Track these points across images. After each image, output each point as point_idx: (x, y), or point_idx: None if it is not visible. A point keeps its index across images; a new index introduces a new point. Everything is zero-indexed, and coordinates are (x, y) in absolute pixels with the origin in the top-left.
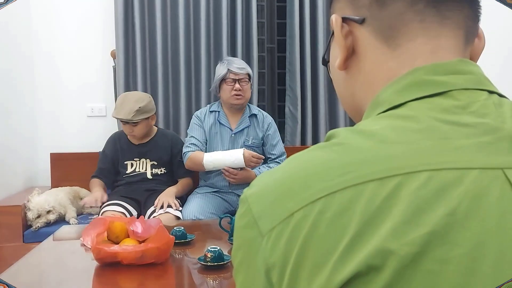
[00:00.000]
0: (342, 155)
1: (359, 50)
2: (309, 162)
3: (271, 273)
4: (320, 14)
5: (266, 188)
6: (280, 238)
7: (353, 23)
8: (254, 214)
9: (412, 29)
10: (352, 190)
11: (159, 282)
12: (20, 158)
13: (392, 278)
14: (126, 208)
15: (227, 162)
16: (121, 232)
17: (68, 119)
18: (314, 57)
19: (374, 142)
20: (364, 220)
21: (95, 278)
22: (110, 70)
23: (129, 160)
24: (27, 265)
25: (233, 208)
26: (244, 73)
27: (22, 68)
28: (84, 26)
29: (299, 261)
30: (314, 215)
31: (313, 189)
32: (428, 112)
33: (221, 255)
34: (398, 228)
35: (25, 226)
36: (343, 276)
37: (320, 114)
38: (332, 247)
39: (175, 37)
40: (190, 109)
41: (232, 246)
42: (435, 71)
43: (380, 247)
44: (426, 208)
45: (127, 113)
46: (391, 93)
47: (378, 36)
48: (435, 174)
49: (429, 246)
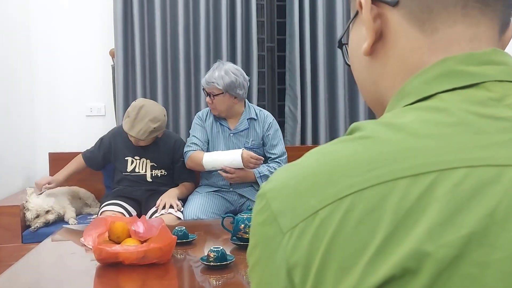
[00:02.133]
0: (370, 149)
1: (388, 35)
2: (333, 155)
3: (292, 272)
4: (320, 13)
5: (286, 183)
6: (303, 237)
7: (384, 5)
8: (274, 210)
9: (453, 14)
10: (382, 187)
11: (162, 283)
12: (18, 158)
13: (429, 282)
14: (125, 208)
15: (226, 163)
16: (122, 232)
17: (66, 119)
18: (314, 56)
19: (404, 135)
20: (397, 220)
21: (96, 279)
22: (109, 69)
23: (129, 157)
24: (26, 266)
25: (234, 207)
26: (211, 87)
27: (20, 67)
28: (83, 25)
29: (325, 262)
30: (341, 214)
31: (339, 186)
32: (460, 104)
33: (224, 255)
34: (434, 229)
35: (24, 227)
36: (376, 279)
37: (320, 114)
38: (361, 248)
39: (175, 36)
40: (189, 108)
41: (248, 244)
42: (468, 61)
43: (415, 249)
44: (464, 208)
45: (140, 133)
46: (419, 84)
47: (412, 20)
48: (472, 171)
49: (467, 249)
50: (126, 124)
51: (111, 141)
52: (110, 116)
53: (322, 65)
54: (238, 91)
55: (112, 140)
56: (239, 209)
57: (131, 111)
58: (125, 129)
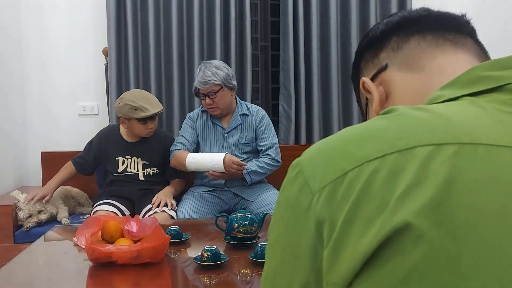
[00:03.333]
0: (400, 123)
1: (390, 89)
2: (365, 127)
3: (322, 227)
4: (313, 12)
5: (319, 152)
6: (333, 195)
7: (380, 74)
8: (306, 175)
9: (431, 53)
10: (408, 152)
11: (155, 282)
12: (10, 157)
13: (443, 239)
14: (118, 207)
15: (208, 165)
16: (115, 232)
17: (59, 118)
18: (308, 55)
19: (432, 114)
20: (417, 179)
21: (89, 279)
22: (102, 68)
23: (121, 157)
24: (18, 266)
25: (228, 206)
26: (209, 87)
27: (12, 67)
28: (75, 24)
29: (351, 216)
30: (368, 173)
31: (368, 151)
32: (485, 102)
33: (218, 254)
34: (453, 194)
35: (16, 226)
36: (388, 229)
37: (314, 113)
38: (383, 203)
39: (168, 35)
40: (183, 107)
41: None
42: (492, 67)
43: (429, 207)
44: (483, 179)
45: (156, 105)
46: (448, 91)
47: (403, 68)
48: (493, 149)
49: (484, 216)
50: (142, 112)
51: (101, 142)
52: (103, 115)
53: (316, 64)
54: (233, 81)
55: (102, 141)
56: (233, 208)
57: (138, 101)
58: (148, 114)
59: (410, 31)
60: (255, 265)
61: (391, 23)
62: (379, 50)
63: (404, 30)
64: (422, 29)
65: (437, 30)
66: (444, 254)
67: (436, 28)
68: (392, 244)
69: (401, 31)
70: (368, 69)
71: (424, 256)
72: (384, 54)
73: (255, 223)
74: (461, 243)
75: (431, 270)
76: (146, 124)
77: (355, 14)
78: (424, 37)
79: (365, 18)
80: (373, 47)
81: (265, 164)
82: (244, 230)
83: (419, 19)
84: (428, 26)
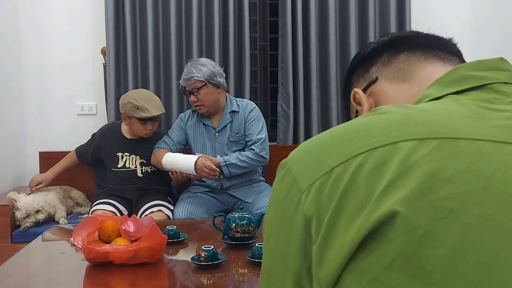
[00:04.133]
0: (384, 119)
1: (380, 99)
2: (350, 125)
3: (310, 224)
4: (312, 12)
5: (305, 151)
6: (320, 191)
7: (370, 86)
8: (294, 174)
9: (421, 65)
10: (392, 146)
11: (152, 283)
12: (8, 157)
13: (427, 226)
14: (117, 207)
15: (181, 166)
16: (112, 232)
17: (57, 118)
18: (307, 55)
19: (417, 111)
20: (400, 171)
21: (85, 279)
22: (101, 67)
23: (121, 152)
24: (15, 265)
25: (226, 207)
26: (192, 83)
27: (10, 66)
28: (74, 23)
29: (338, 209)
30: (353, 168)
31: (354, 146)
32: (469, 100)
33: (215, 254)
34: (435, 183)
35: (13, 226)
36: (374, 218)
37: (313, 112)
38: (368, 195)
39: (167, 34)
40: (181, 107)
41: (265, 211)
42: (476, 67)
43: (412, 196)
44: (464, 170)
45: (159, 108)
46: (433, 90)
47: (393, 79)
48: (474, 143)
49: (467, 203)
50: (144, 112)
51: (102, 137)
52: (101, 115)
53: (315, 64)
54: (219, 78)
55: (103, 136)
56: (231, 209)
57: (138, 98)
58: (149, 115)
59: (400, 48)
60: (253, 265)
61: (382, 41)
62: (370, 65)
63: (394, 48)
64: (412, 46)
65: (425, 48)
66: (428, 240)
67: (424, 45)
68: (377, 233)
69: (391, 48)
70: (359, 83)
71: (408, 242)
72: (375, 68)
73: (253, 223)
74: (445, 229)
75: (415, 256)
76: (145, 124)
77: (354, 14)
78: (413, 52)
79: (364, 18)
80: (365, 63)
81: (246, 158)
82: (241, 230)
83: (409, 38)
84: (417, 44)
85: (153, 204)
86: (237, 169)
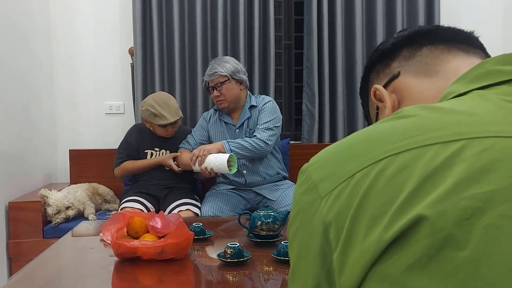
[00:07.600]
0: (407, 123)
1: (403, 95)
2: (372, 130)
3: (328, 230)
4: (338, 10)
5: (326, 157)
6: (339, 197)
7: (392, 82)
8: (314, 180)
9: (445, 59)
10: (415, 151)
11: (178, 278)
12: (40, 155)
13: (449, 228)
14: (144, 204)
15: (214, 168)
16: (140, 228)
17: (86, 117)
18: (332, 53)
19: (441, 113)
20: (425, 175)
21: (114, 273)
22: (128, 67)
23: (149, 149)
24: (46, 260)
25: (251, 205)
26: (215, 78)
27: (41, 67)
28: (102, 24)
29: (357, 215)
30: (374, 173)
31: (376, 152)
32: (495, 95)
33: (241, 251)
34: (460, 184)
35: (45, 222)
36: (400, 224)
37: (338, 111)
38: (390, 200)
39: (193, 34)
40: (207, 106)
41: (290, 215)
42: (503, 61)
43: (438, 199)
44: (490, 169)
45: (176, 114)
46: (458, 86)
47: (417, 74)
48: (501, 141)
49: (491, 203)
50: (162, 119)
51: (136, 137)
52: (129, 114)
53: (340, 62)
54: (241, 75)
55: (136, 136)
56: (256, 206)
57: (156, 108)
58: (166, 122)
59: (421, 42)
60: (278, 263)
61: (402, 36)
62: (391, 61)
63: (415, 42)
64: (434, 40)
65: (448, 41)
66: (451, 242)
67: (447, 39)
68: (402, 238)
69: (412, 43)
70: (379, 79)
71: (431, 245)
72: (396, 63)
73: (278, 221)
74: (469, 230)
75: (437, 258)
76: (166, 128)
77: (381, 12)
78: (436, 46)
79: (391, 16)
80: (384, 59)
81: (248, 140)
82: (267, 228)
83: (430, 32)
84: (439, 37)
85: (181, 202)
86: (239, 148)
